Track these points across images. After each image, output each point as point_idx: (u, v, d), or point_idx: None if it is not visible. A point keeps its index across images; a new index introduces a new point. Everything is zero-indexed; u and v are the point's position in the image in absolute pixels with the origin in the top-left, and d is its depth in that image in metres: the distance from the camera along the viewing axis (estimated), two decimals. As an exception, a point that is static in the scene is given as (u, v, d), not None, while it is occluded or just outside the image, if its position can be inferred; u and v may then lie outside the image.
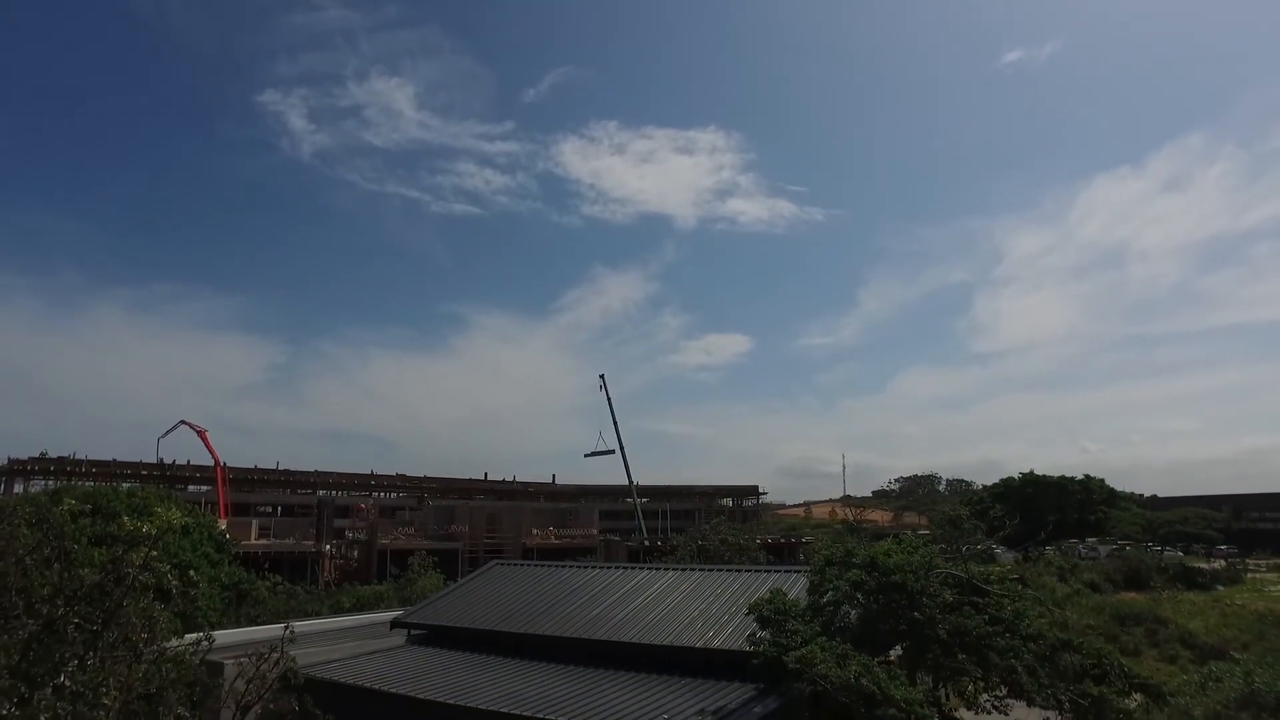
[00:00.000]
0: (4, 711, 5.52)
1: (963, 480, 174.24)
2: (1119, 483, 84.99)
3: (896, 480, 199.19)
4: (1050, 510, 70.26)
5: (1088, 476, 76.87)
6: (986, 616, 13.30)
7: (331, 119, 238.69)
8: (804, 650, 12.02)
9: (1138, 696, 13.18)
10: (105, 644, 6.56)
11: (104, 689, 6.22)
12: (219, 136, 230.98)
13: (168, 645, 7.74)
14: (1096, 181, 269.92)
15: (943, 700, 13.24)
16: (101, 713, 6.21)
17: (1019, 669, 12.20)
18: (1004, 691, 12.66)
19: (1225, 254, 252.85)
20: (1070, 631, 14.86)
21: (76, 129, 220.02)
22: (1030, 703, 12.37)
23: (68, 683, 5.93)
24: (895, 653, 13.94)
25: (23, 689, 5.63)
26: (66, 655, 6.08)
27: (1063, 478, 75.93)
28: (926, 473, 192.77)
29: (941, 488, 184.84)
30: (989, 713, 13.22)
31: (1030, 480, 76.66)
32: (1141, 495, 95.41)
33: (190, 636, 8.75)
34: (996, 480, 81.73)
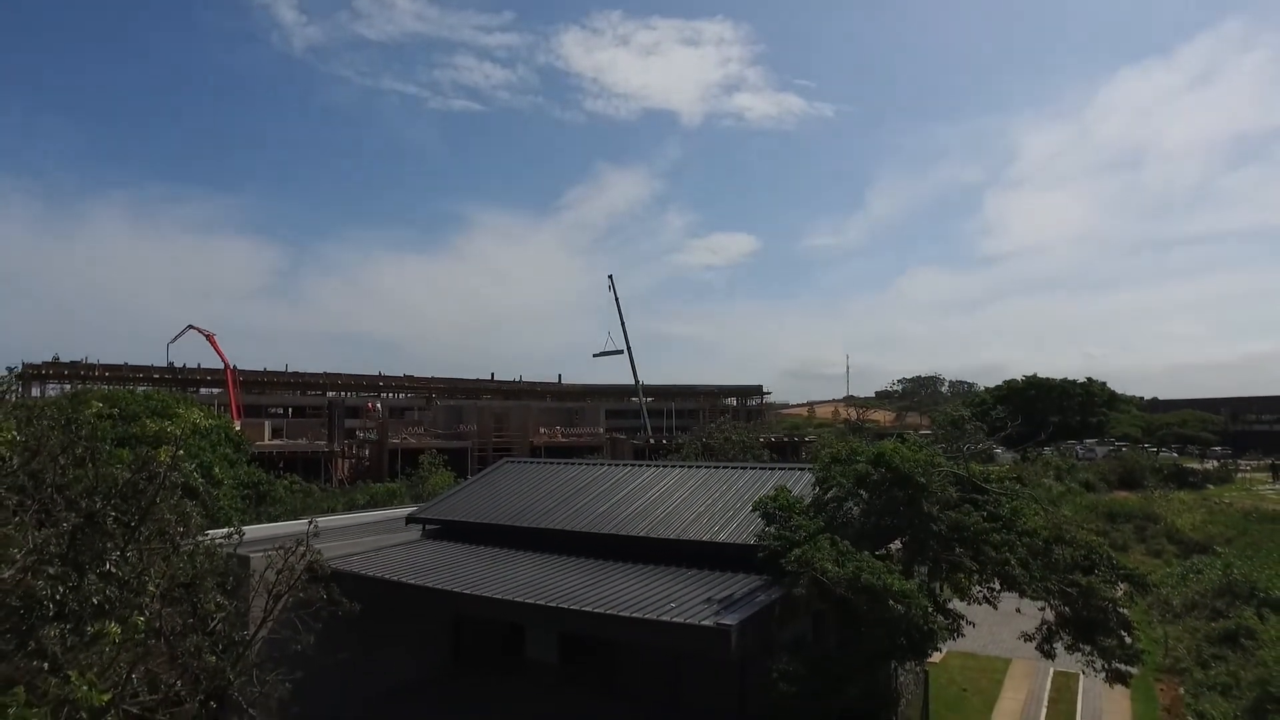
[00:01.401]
0: (58, 595, 5.87)
1: (965, 382, 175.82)
2: (1120, 386, 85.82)
3: (899, 381, 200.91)
4: (1051, 412, 71.24)
5: (1090, 380, 77.54)
6: (985, 514, 13.75)
7: (323, 10, 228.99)
8: (802, 550, 12.51)
9: (1123, 586, 13.76)
10: (143, 537, 6.88)
11: (146, 577, 6.59)
12: (205, 28, 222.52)
13: (200, 539, 8.12)
14: (1120, 75, 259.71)
15: (937, 591, 13.84)
16: (145, 598, 6.59)
17: (1013, 562, 12.70)
18: (997, 584, 13.23)
19: (1251, 152, 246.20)
20: (1064, 528, 15.36)
21: (61, 19, 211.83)
22: (1021, 594, 12.93)
23: (113, 569, 6.27)
24: (894, 546, 14.48)
25: (74, 576, 5.98)
26: (109, 547, 6.40)
27: (1065, 381, 76.58)
28: (930, 374, 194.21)
29: (944, 389, 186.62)
30: (980, 603, 13.84)
31: (1033, 383, 77.38)
32: (1141, 399, 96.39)
33: (219, 531, 9.13)
34: (999, 383, 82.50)
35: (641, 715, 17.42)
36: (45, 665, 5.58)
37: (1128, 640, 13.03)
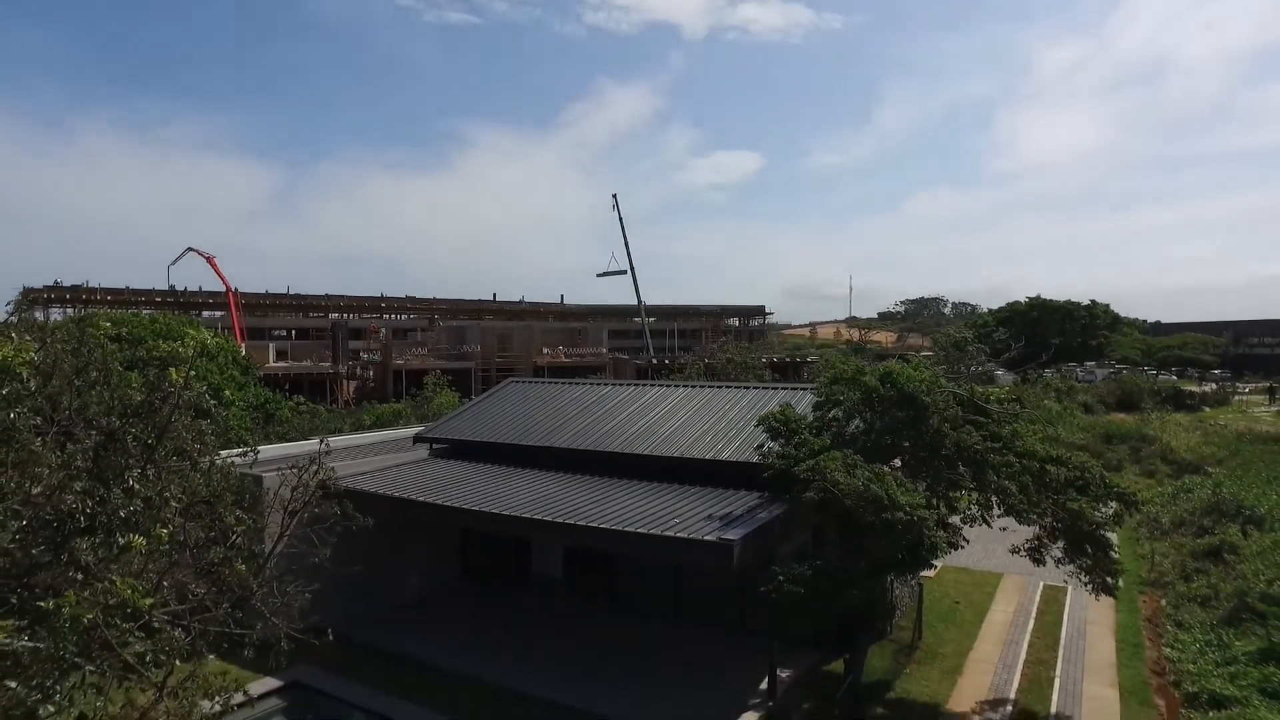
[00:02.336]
0: (87, 509, 6.09)
1: (968, 304, 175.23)
2: (1124, 309, 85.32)
3: (902, 302, 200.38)
4: (1054, 335, 71.16)
5: (1094, 302, 77.14)
6: (985, 434, 14.00)
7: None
8: (817, 459, 12.79)
9: (1114, 505, 14.13)
10: (161, 456, 7.07)
11: (168, 494, 6.81)
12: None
13: (216, 458, 8.32)
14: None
15: (937, 508, 14.23)
16: (168, 512, 6.83)
17: (1011, 486, 13.03)
18: (994, 503, 13.59)
19: (1277, 66, 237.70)
20: (1060, 448, 15.65)
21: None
22: (1017, 516, 13.32)
23: (136, 486, 6.48)
24: (895, 464, 14.79)
25: (100, 490, 6.19)
26: (130, 464, 6.60)
27: (1069, 303, 76.16)
28: (933, 295, 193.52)
29: (947, 310, 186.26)
30: (977, 520, 14.23)
31: (1036, 305, 77.02)
32: (1144, 322, 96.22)
33: (233, 450, 9.36)
34: (1003, 304, 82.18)
35: (645, 627, 18.16)
36: (80, 575, 5.84)
37: (1110, 558, 13.49)
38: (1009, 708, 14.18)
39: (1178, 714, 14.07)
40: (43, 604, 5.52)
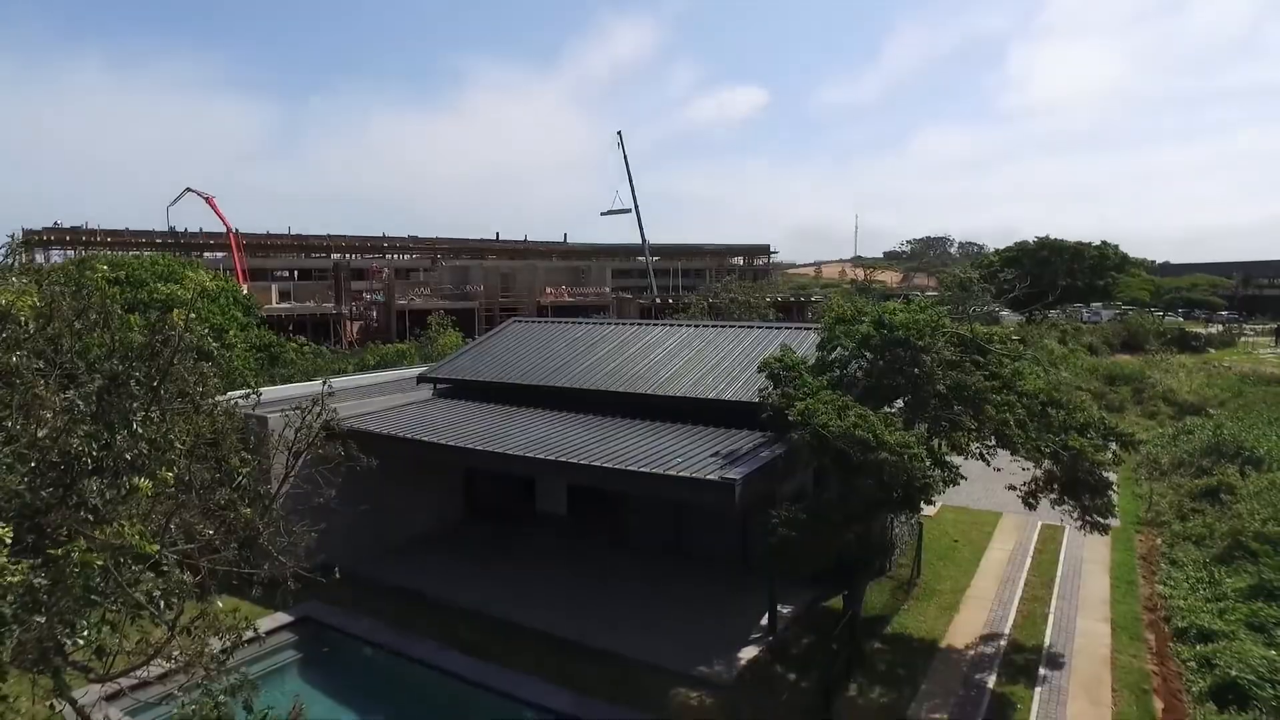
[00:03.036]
0: (93, 452, 6.14)
1: (975, 243, 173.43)
2: (1134, 249, 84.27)
3: (908, 242, 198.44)
4: (1062, 275, 70.53)
5: (1104, 242, 76.17)
6: (986, 374, 13.99)
7: None
8: (805, 403, 12.85)
9: (1113, 447, 14.20)
10: (165, 398, 7.09)
11: (172, 436, 6.86)
12: None
13: (219, 399, 8.36)
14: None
15: (936, 448, 14.32)
16: (173, 454, 6.89)
17: (1010, 422, 13.05)
18: (993, 441, 13.65)
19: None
20: (1062, 390, 15.65)
21: None
22: (1014, 453, 13.38)
23: (140, 429, 6.52)
24: (898, 405, 14.84)
25: (105, 434, 6.23)
26: (134, 407, 6.62)
27: (1078, 243, 75.27)
28: (939, 235, 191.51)
29: (953, 250, 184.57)
30: (976, 459, 14.34)
31: (1044, 244, 76.05)
32: (1153, 262, 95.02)
33: (237, 392, 9.39)
34: (1011, 244, 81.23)
35: (647, 563, 18.52)
36: (89, 517, 5.92)
37: (1106, 499, 13.63)
38: (1003, 642, 14.52)
39: (1167, 647, 14.41)
40: (51, 550, 5.61)
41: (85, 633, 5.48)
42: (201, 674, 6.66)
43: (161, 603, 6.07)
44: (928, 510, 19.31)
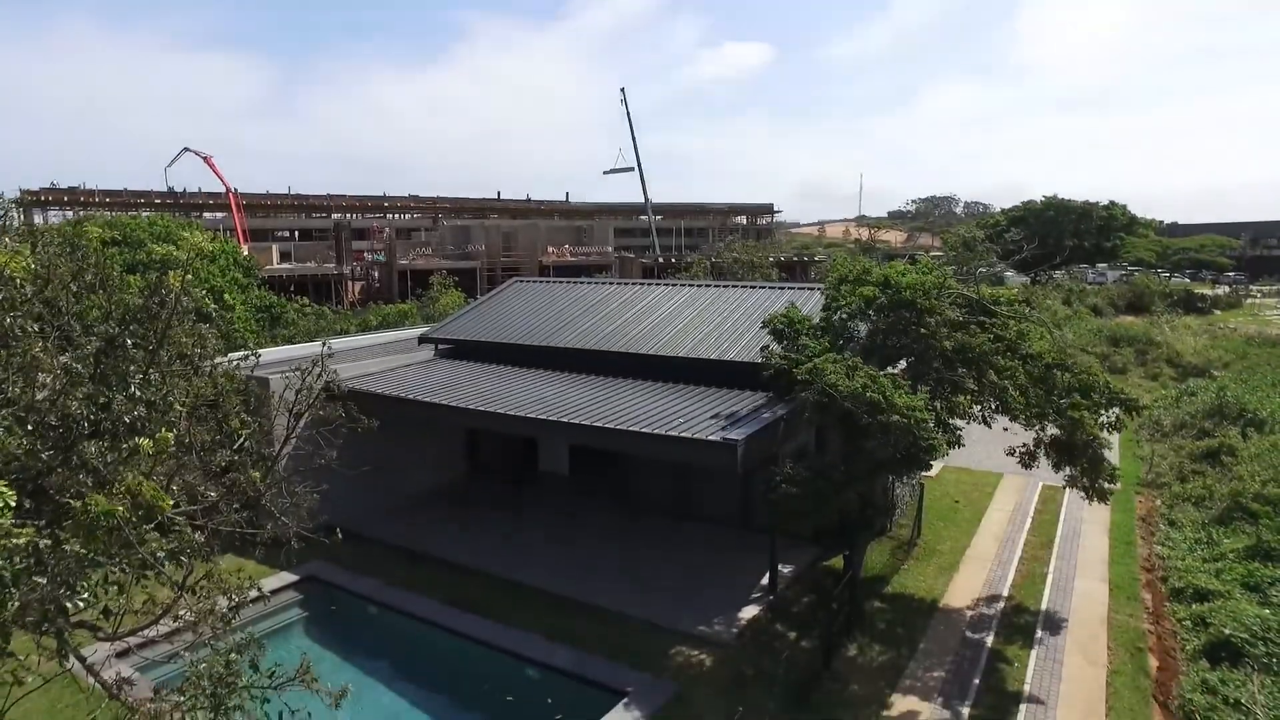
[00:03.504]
0: (91, 414, 6.13)
1: (981, 203, 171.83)
2: (1143, 210, 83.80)
3: (913, 201, 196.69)
4: (1068, 235, 69.93)
5: (1111, 202, 75.37)
6: (991, 336, 13.89)
7: None
8: (814, 362, 12.76)
9: (1116, 410, 14.16)
10: (163, 361, 7.06)
11: (171, 398, 6.84)
12: None
13: (218, 361, 8.33)
14: None
15: (938, 410, 14.29)
16: (173, 416, 6.88)
17: (1011, 389, 13.00)
18: (994, 405, 13.61)
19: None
20: (1066, 353, 15.56)
21: None
22: (1014, 418, 13.35)
23: (138, 392, 6.50)
24: (900, 366, 14.78)
25: (103, 395, 6.21)
26: (132, 370, 6.59)
27: (1085, 203, 74.50)
28: (944, 194, 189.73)
29: (959, 210, 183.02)
30: (978, 422, 14.32)
31: (1052, 204, 75.30)
32: (1161, 223, 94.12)
33: (236, 355, 9.35)
34: (1018, 203, 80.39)
35: (649, 523, 18.66)
36: (89, 480, 5.93)
37: (1105, 467, 13.64)
38: (1002, 603, 14.68)
39: (1163, 607, 14.56)
40: (73, 502, 5.62)
41: (85, 594, 5.51)
42: (208, 633, 6.73)
43: (168, 562, 6.10)
44: (929, 471, 19.38)
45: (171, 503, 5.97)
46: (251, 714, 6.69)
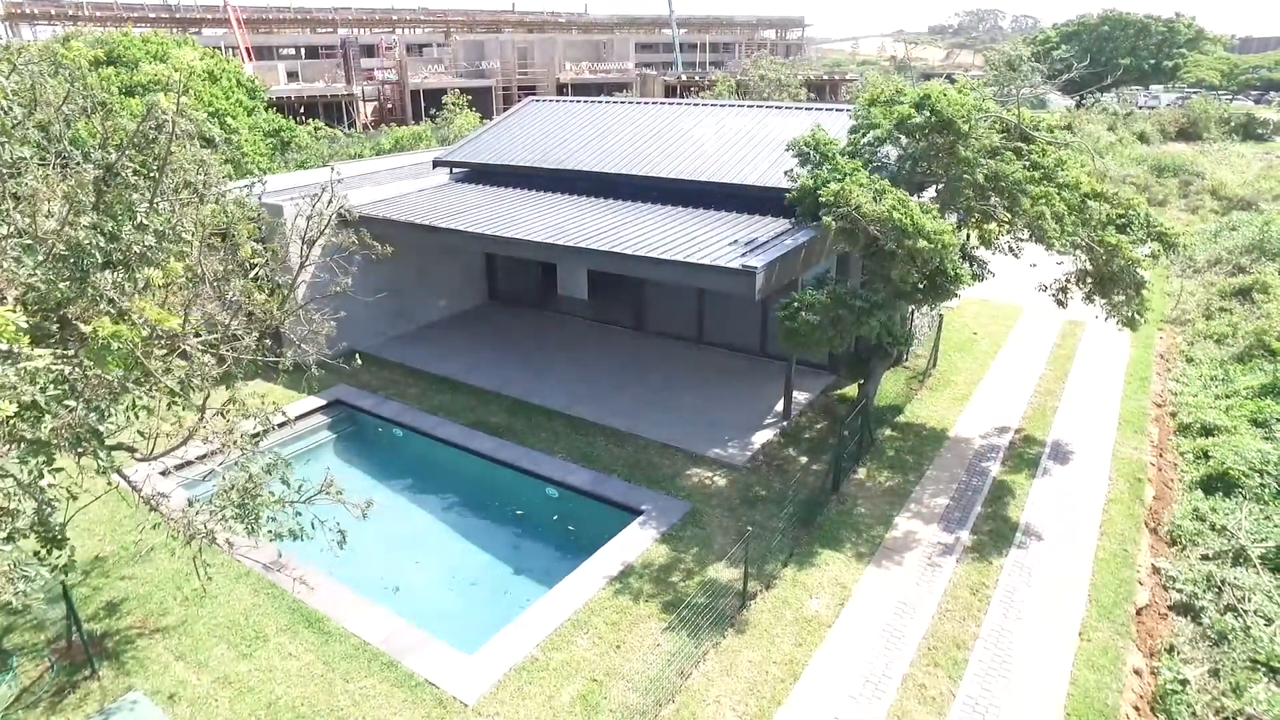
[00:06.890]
0: (99, 244, 6.06)
1: (1030, 17, 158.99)
2: (1213, 22, 76.80)
3: (957, 14, 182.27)
4: (1124, 54, 64.88)
5: (1176, 14, 69.08)
6: (1027, 163, 13.21)
7: None
8: (840, 184, 12.21)
9: (1153, 244, 13.69)
10: (167, 189, 6.88)
11: (180, 228, 6.73)
12: None
13: (225, 189, 8.12)
14: None
15: (966, 240, 13.90)
16: (185, 246, 6.81)
17: (1047, 215, 12.45)
18: (1026, 235, 13.15)
19: None
20: (1107, 183, 14.82)
21: None
22: (1049, 248, 12.91)
23: (145, 221, 6.39)
24: (929, 194, 14.22)
25: (109, 225, 6.11)
26: (135, 199, 6.44)
27: (1146, 16, 68.38)
28: (990, 8, 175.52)
29: (1005, 25, 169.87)
30: (1005, 253, 13.94)
31: (1109, 19, 69.21)
32: (1233, 37, 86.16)
33: (242, 181, 9.13)
34: (1070, 18, 74.03)
35: (667, 349, 18.90)
36: (109, 310, 5.97)
37: (1140, 298, 13.36)
38: (1011, 434, 15.00)
39: (1168, 441, 14.83)
40: (85, 328, 5.70)
41: (113, 419, 5.71)
42: (237, 454, 7.05)
43: (185, 387, 6.27)
44: (950, 302, 19.22)
45: (178, 320, 6.03)
46: (282, 523, 7.15)
